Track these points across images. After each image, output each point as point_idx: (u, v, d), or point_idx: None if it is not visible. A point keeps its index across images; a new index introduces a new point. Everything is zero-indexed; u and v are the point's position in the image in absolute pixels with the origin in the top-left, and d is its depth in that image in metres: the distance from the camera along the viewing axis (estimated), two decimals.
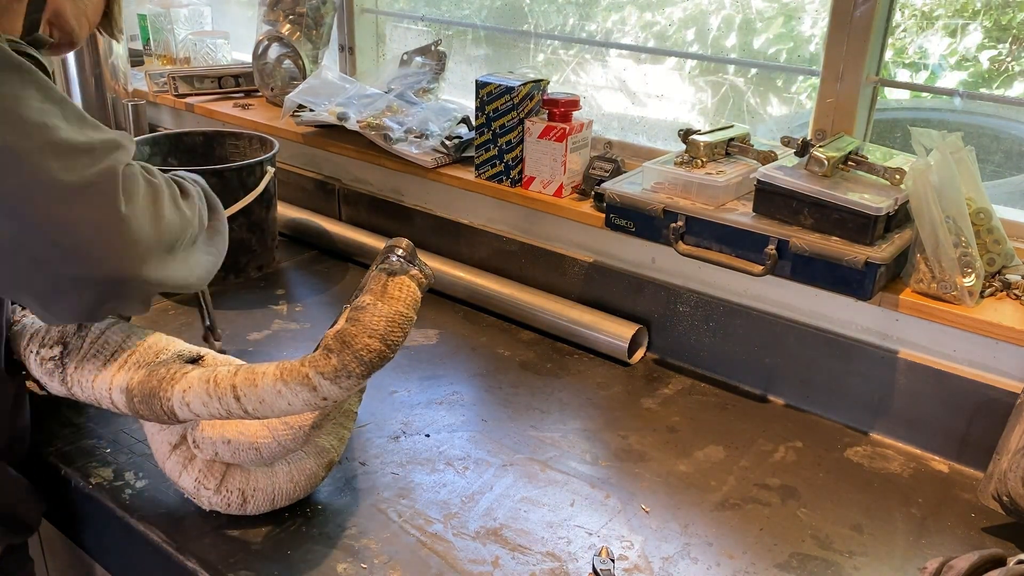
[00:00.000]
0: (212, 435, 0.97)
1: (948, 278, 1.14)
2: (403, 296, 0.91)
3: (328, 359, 0.87)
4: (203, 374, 0.92)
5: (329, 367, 0.87)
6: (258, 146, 1.73)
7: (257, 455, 0.97)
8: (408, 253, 0.95)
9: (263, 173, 1.59)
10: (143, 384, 0.94)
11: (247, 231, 1.62)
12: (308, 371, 0.88)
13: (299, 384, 0.88)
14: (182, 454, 1.01)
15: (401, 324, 0.89)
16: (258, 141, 1.73)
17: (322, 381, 0.87)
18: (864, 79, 1.30)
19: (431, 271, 0.96)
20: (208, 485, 1.00)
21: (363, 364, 0.87)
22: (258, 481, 1.01)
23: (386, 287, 0.91)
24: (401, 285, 0.91)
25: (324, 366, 0.87)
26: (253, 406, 0.90)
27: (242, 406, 0.90)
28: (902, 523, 1.08)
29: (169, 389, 0.93)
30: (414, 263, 0.95)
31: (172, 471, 1.02)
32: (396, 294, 0.91)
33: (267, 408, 0.90)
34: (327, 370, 0.87)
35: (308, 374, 0.87)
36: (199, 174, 1.45)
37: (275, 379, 0.88)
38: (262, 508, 1.02)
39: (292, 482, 1.03)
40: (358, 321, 0.89)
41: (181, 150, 1.72)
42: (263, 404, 0.89)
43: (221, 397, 0.90)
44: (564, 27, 1.76)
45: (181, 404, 0.92)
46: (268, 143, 1.68)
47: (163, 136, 1.71)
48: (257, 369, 0.91)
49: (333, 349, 0.88)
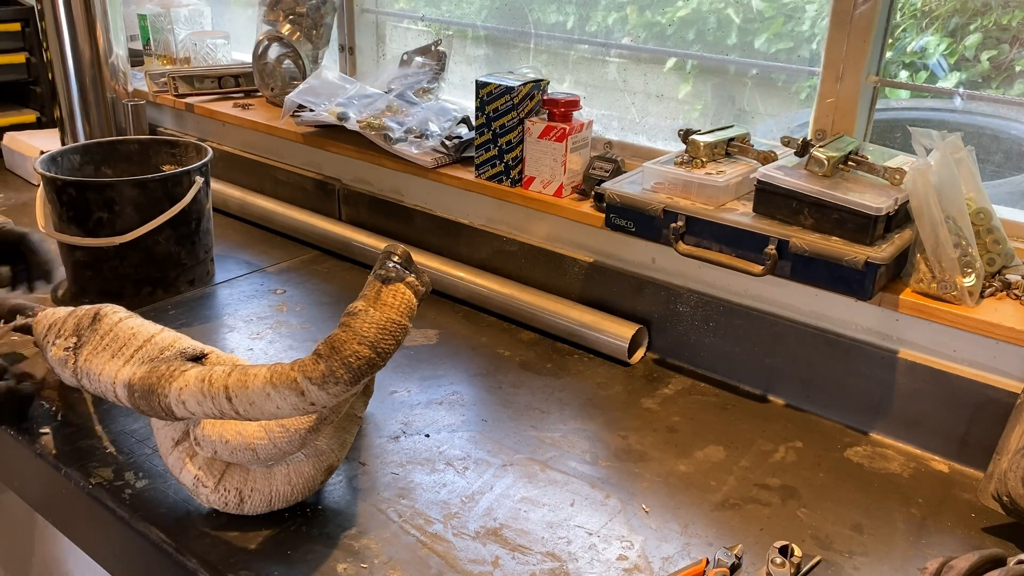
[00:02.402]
0: (212, 434, 0.97)
1: (948, 278, 1.14)
2: (397, 303, 0.90)
3: (317, 364, 0.87)
4: (200, 373, 0.92)
5: (317, 372, 0.86)
6: (194, 154, 1.66)
7: (254, 456, 0.97)
8: (404, 260, 0.93)
9: (191, 183, 1.53)
10: (144, 380, 0.94)
11: (175, 244, 1.55)
12: (296, 375, 0.87)
13: (287, 388, 0.87)
14: (184, 450, 1.01)
15: (393, 332, 0.88)
16: (194, 149, 1.67)
17: (310, 386, 0.86)
18: (864, 79, 1.30)
19: (428, 278, 0.96)
20: (207, 483, 1.00)
21: (351, 371, 0.86)
22: (256, 482, 1.01)
23: (380, 293, 0.90)
24: (396, 292, 0.90)
25: (312, 371, 0.86)
26: (244, 408, 0.89)
27: (234, 407, 0.90)
28: (902, 523, 1.08)
29: (167, 386, 0.93)
30: (410, 270, 0.93)
31: (174, 466, 1.02)
32: (390, 301, 0.90)
33: (257, 410, 0.89)
34: (315, 375, 0.86)
35: (296, 378, 0.87)
36: (118, 185, 1.46)
37: (265, 382, 0.88)
38: (259, 509, 1.02)
39: (289, 484, 1.03)
40: (349, 327, 0.88)
41: (116, 158, 1.67)
42: (253, 406, 0.89)
43: (214, 397, 0.90)
44: (564, 27, 1.77)
45: (177, 402, 0.92)
46: (204, 152, 1.62)
47: (95, 144, 1.66)
48: (250, 371, 0.90)
49: (322, 354, 0.87)
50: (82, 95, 1.96)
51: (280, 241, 1.89)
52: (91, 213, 1.47)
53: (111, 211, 1.47)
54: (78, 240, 1.49)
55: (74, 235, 1.49)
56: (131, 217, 1.48)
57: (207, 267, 1.66)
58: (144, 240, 1.50)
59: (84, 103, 1.97)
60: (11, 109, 2.43)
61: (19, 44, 2.36)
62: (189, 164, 1.59)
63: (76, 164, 1.62)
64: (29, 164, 2.08)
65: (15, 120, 2.37)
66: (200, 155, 1.62)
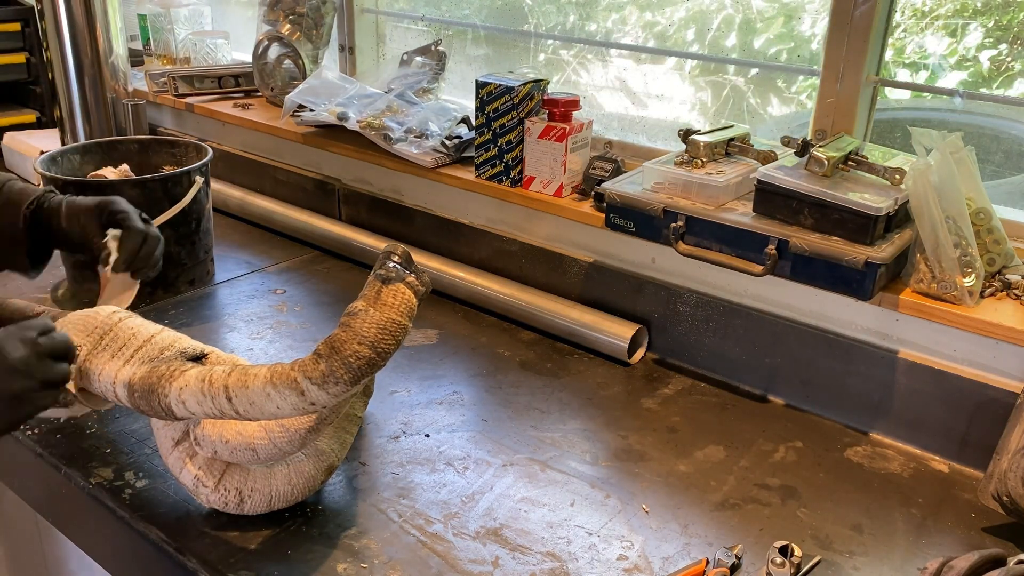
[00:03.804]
0: (212, 434, 0.97)
1: (948, 278, 1.14)
2: (397, 303, 0.90)
3: (317, 364, 0.87)
4: (200, 373, 0.92)
5: (317, 372, 0.86)
6: (194, 154, 1.66)
7: (254, 456, 0.97)
8: (404, 260, 0.93)
9: (191, 183, 1.53)
10: (144, 380, 0.94)
11: (175, 244, 1.55)
12: (296, 375, 0.87)
13: (287, 388, 0.87)
14: (184, 450, 1.01)
15: (393, 332, 0.88)
16: (194, 149, 1.67)
17: (310, 386, 0.87)
18: (864, 79, 1.30)
19: (428, 278, 0.95)
20: (207, 483, 1.00)
21: (351, 371, 0.86)
22: (256, 482, 1.01)
23: (380, 293, 0.90)
24: (396, 292, 0.90)
25: (312, 371, 0.87)
26: (244, 407, 0.89)
27: (234, 407, 0.90)
28: (902, 523, 1.08)
29: (167, 386, 0.93)
30: (410, 270, 0.93)
31: (174, 466, 1.02)
32: (390, 301, 0.89)
33: (257, 410, 0.89)
34: (315, 375, 0.86)
35: (296, 378, 0.87)
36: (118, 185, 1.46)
37: (265, 382, 0.88)
38: (259, 509, 1.02)
39: (290, 484, 1.03)
40: (349, 327, 0.88)
41: (115, 158, 1.66)
42: (253, 406, 0.89)
43: (214, 397, 0.90)
44: (564, 27, 1.77)
45: (177, 402, 0.92)
46: (203, 152, 1.62)
47: (95, 144, 1.66)
48: (250, 371, 0.90)
49: (322, 354, 0.87)
50: (82, 95, 1.96)
51: (280, 241, 1.89)
52: None
53: None
54: None
55: None
56: None
57: (207, 267, 1.66)
58: None
59: (84, 103, 1.97)
60: (11, 109, 2.43)
61: (19, 44, 2.36)
62: (189, 164, 1.58)
63: (76, 164, 1.62)
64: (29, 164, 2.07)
65: (15, 120, 2.37)
66: (200, 155, 1.62)
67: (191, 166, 1.54)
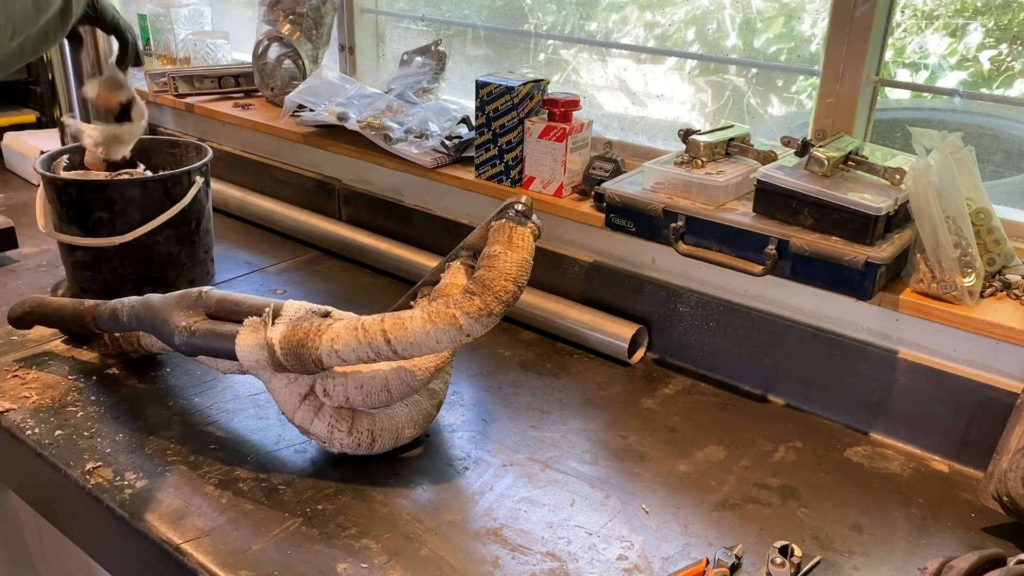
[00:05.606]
0: (345, 382, 1.09)
1: (948, 278, 1.14)
2: (526, 244, 1.06)
3: (472, 300, 1.01)
4: (348, 323, 1.04)
5: (474, 307, 1.01)
6: (194, 154, 1.66)
7: (388, 396, 1.09)
8: (527, 207, 1.09)
9: (191, 183, 1.53)
10: (288, 338, 1.05)
11: (175, 244, 1.54)
12: (455, 312, 1.01)
13: (447, 324, 1.00)
14: (311, 404, 1.10)
15: (527, 269, 1.05)
16: (194, 149, 1.66)
17: (468, 320, 1.00)
18: (864, 79, 1.30)
19: (542, 223, 1.12)
20: (341, 428, 1.11)
21: (502, 303, 1.02)
22: (383, 422, 1.13)
23: (511, 237, 1.06)
24: (524, 235, 1.07)
25: (469, 307, 1.01)
26: (403, 348, 1.02)
27: (392, 347, 1.02)
28: (902, 523, 1.08)
29: (317, 339, 1.03)
30: (530, 217, 1.09)
31: (304, 420, 1.11)
32: (520, 243, 1.06)
33: (416, 348, 1.02)
34: (472, 310, 1.00)
35: (455, 315, 1.01)
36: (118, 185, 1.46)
37: (424, 321, 1.01)
38: (387, 446, 1.14)
39: (412, 420, 1.15)
40: (493, 268, 1.03)
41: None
42: (412, 345, 1.02)
43: (371, 342, 1.02)
44: (564, 27, 1.77)
45: (329, 352, 1.03)
46: (203, 152, 1.61)
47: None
48: (403, 315, 1.03)
49: (476, 292, 1.02)
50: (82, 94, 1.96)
51: (280, 241, 1.89)
52: (91, 213, 1.47)
53: (111, 211, 1.47)
54: (78, 240, 1.49)
55: (74, 235, 1.49)
56: (131, 217, 1.48)
57: (207, 267, 1.66)
58: (144, 240, 1.50)
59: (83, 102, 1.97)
60: (11, 109, 2.43)
61: None
62: (189, 164, 1.58)
63: (76, 164, 1.62)
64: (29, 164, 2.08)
65: (15, 120, 2.37)
66: (200, 155, 1.62)
67: (191, 166, 1.54)
